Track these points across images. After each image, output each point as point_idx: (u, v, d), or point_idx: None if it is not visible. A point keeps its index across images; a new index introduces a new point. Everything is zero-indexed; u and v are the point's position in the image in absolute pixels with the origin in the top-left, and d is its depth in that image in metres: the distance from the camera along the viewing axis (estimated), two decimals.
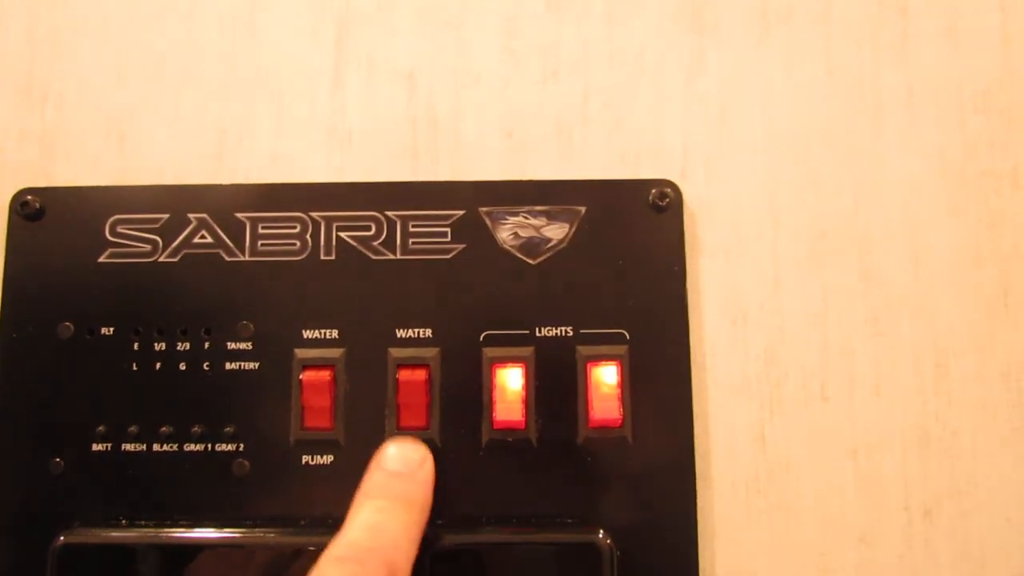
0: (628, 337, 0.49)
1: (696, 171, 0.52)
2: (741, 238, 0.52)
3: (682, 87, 0.53)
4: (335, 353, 0.49)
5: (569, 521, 0.47)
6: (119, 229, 0.50)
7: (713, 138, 0.53)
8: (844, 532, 0.49)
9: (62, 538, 0.47)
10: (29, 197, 0.50)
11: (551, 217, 0.50)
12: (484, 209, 0.50)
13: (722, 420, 0.50)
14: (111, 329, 0.49)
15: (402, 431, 0.48)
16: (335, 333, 0.49)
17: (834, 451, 0.50)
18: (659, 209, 0.51)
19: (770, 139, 0.53)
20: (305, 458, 0.48)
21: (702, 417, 0.49)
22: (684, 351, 0.49)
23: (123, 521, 0.48)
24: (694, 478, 0.48)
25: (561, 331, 0.49)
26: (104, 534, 0.47)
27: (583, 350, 0.49)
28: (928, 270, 0.52)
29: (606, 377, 0.48)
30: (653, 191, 0.51)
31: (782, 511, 0.49)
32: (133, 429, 0.48)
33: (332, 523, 0.46)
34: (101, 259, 0.50)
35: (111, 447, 0.48)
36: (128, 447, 0.48)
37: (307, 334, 0.49)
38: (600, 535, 0.46)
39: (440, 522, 0.47)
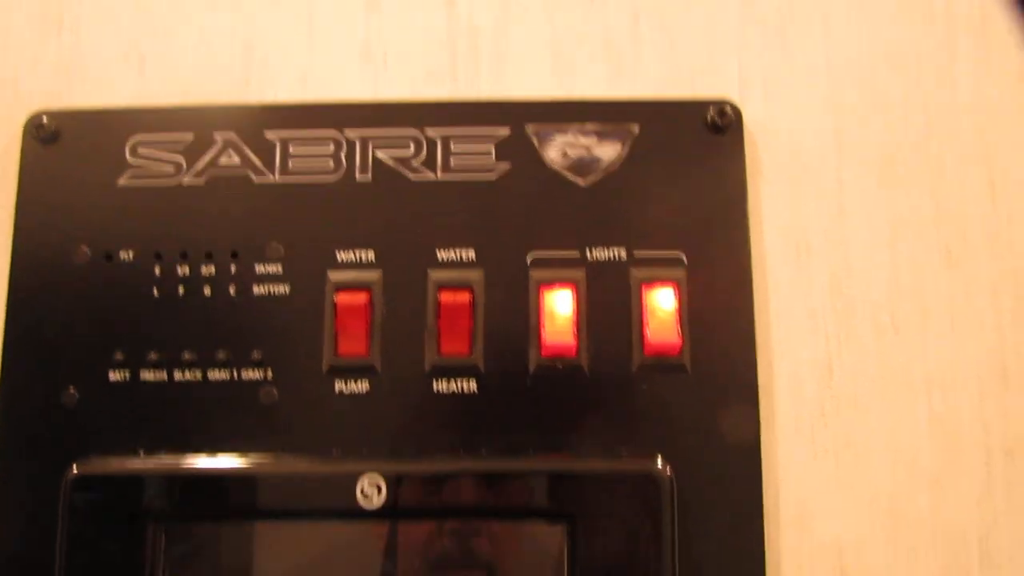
0: (685, 261, 0.53)
1: (754, 93, 0.57)
2: (803, 163, 0.56)
3: (739, 4, 0.59)
4: (371, 275, 0.53)
5: (623, 452, 0.51)
6: (140, 151, 0.55)
7: (772, 59, 0.58)
8: (916, 474, 0.53)
9: (75, 468, 0.50)
10: (44, 119, 0.55)
11: (602, 136, 0.55)
12: (531, 127, 0.55)
13: (786, 351, 0.54)
14: (131, 254, 0.54)
15: (443, 358, 0.52)
16: (371, 255, 0.54)
17: (906, 387, 0.54)
18: (718, 129, 0.55)
19: (833, 60, 0.58)
20: (339, 385, 0.52)
21: (764, 348, 0.54)
22: (746, 277, 0.53)
23: (141, 453, 0.52)
24: (757, 412, 0.52)
25: (614, 253, 0.54)
26: (121, 464, 0.51)
27: (637, 272, 0.53)
28: (1005, 198, 0.56)
29: (662, 301, 0.53)
30: (711, 110, 0.55)
31: (850, 450, 0.53)
32: (153, 356, 0.53)
33: (366, 454, 0.50)
34: (121, 182, 0.55)
35: (129, 376, 0.52)
36: (147, 376, 0.53)
37: (341, 256, 0.54)
38: (659, 464, 0.50)
39: (485, 453, 0.51)
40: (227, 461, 0.50)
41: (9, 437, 0.51)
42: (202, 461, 0.50)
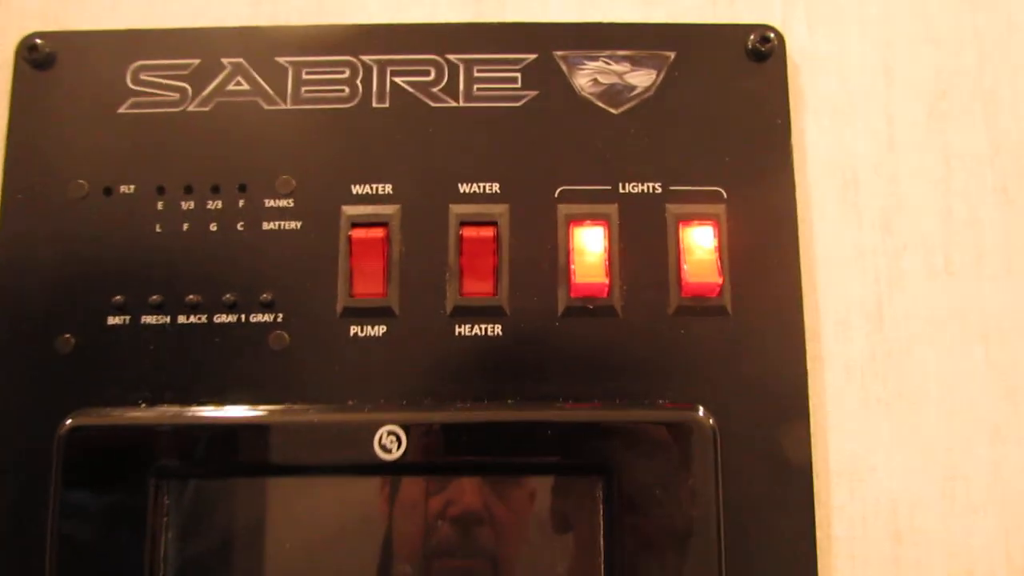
0: (725, 196, 0.44)
1: (797, 19, 0.48)
2: (850, 94, 0.47)
3: None
4: (389, 210, 0.44)
5: (660, 401, 0.42)
6: (142, 76, 0.46)
7: None
8: (974, 426, 0.44)
9: (70, 421, 0.42)
10: (38, 41, 0.46)
11: (636, 63, 0.46)
12: (559, 53, 0.46)
13: (833, 293, 0.45)
14: (131, 187, 0.45)
15: (465, 299, 0.43)
16: (388, 188, 0.44)
17: (961, 333, 0.45)
18: (759, 56, 0.46)
19: None
20: (354, 329, 0.43)
21: (811, 289, 0.45)
22: (791, 214, 0.45)
23: (143, 404, 0.43)
24: (804, 358, 0.43)
25: (648, 187, 0.45)
26: (119, 415, 0.42)
27: (674, 208, 0.44)
28: None
29: (701, 239, 0.44)
30: (752, 36, 0.46)
31: (903, 400, 0.44)
32: (155, 299, 0.44)
33: (384, 402, 0.41)
34: (121, 109, 0.46)
35: (129, 320, 0.44)
36: (149, 320, 0.44)
37: (356, 189, 0.44)
38: (700, 412, 0.41)
39: (511, 401, 0.42)
40: (235, 411, 0.42)
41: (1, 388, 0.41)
42: (208, 412, 0.41)
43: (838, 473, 0.43)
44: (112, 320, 0.44)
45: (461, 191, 0.44)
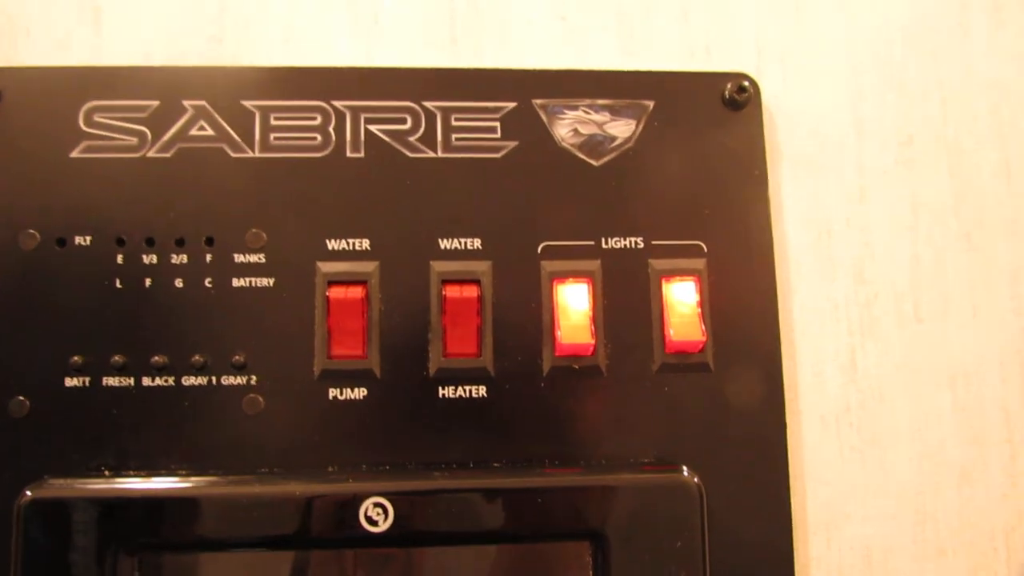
0: (706, 249, 0.43)
1: (772, 68, 0.46)
2: (822, 142, 0.46)
3: None
4: (367, 267, 0.41)
5: (645, 460, 0.41)
6: (96, 118, 0.42)
7: (789, 33, 0.47)
8: (943, 469, 0.44)
9: (28, 493, 0.38)
10: None
11: (615, 112, 0.43)
12: (538, 101, 0.43)
13: (810, 345, 0.44)
14: (87, 238, 0.41)
15: (449, 360, 0.40)
16: (366, 243, 0.41)
17: (930, 379, 0.45)
18: (736, 105, 0.44)
19: (850, 36, 0.47)
20: (332, 392, 0.40)
21: (788, 341, 0.43)
22: (768, 266, 0.43)
23: (106, 472, 0.39)
24: (783, 411, 0.42)
25: (630, 242, 0.42)
26: (80, 487, 0.38)
27: (656, 263, 0.42)
28: (1021, 180, 0.47)
29: (683, 295, 0.42)
30: (729, 85, 0.44)
31: (875, 447, 0.44)
32: (117, 360, 0.40)
33: (366, 468, 0.38)
34: (73, 154, 0.41)
35: (89, 382, 0.40)
36: (111, 382, 0.40)
37: (332, 244, 0.41)
38: (685, 473, 0.40)
39: (498, 464, 0.40)
40: (208, 481, 0.37)
41: None
42: (178, 482, 0.37)
43: (815, 523, 0.42)
44: (70, 382, 0.40)
45: (442, 246, 0.41)
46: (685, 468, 0.40)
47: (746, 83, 0.44)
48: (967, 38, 0.48)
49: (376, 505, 0.37)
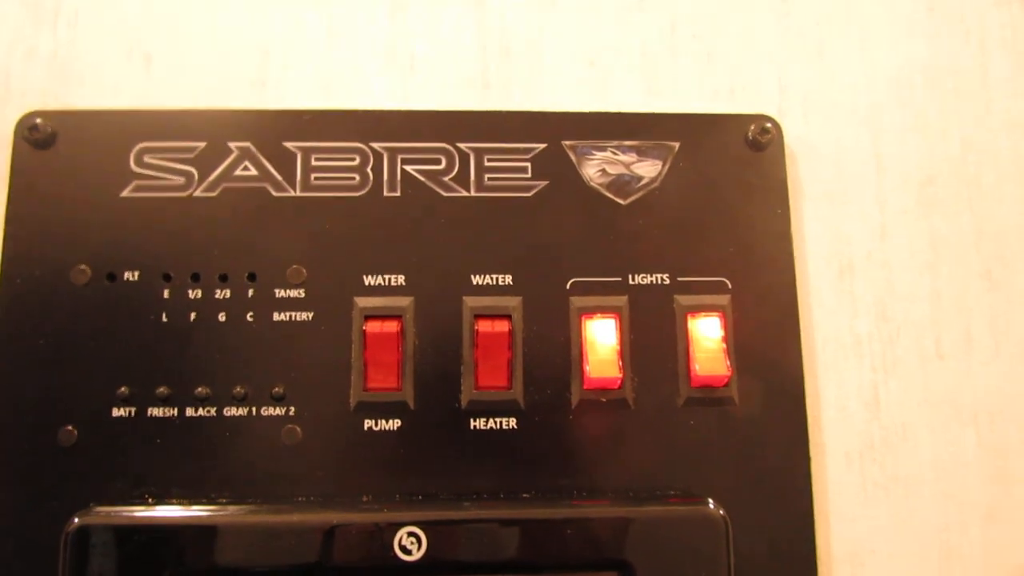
0: (730, 286, 0.43)
1: (794, 109, 0.47)
2: (844, 182, 0.47)
3: (776, 19, 0.48)
4: (402, 302, 0.42)
5: (671, 492, 0.41)
6: (146, 159, 0.43)
7: (811, 75, 0.48)
8: (968, 508, 0.44)
9: (76, 520, 0.39)
10: (39, 121, 0.43)
11: (642, 153, 0.45)
12: (568, 143, 0.44)
13: (833, 381, 0.44)
14: (136, 274, 0.42)
15: (480, 392, 0.41)
16: (401, 279, 0.42)
17: (953, 416, 0.45)
18: (758, 147, 0.45)
19: (870, 78, 0.48)
20: (368, 423, 0.41)
21: (811, 377, 0.44)
22: (791, 302, 0.44)
23: (149, 500, 0.40)
24: (807, 446, 0.42)
25: (657, 278, 0.43)
26: (127, 514, 0.40)
27: (682, 299, 0.43)
28: None
29: (709, 330, 0.43)
30: (752, 127, 0.45)
31: (899, 484, 0.44)
32: (162, 391, 0.41)
33: (399, 499, 0.39)
34: (124, 193, 0.43)
35: (135, 412, 0.41)
36: (156, 412, 0.41)
37: (369, 280, 0.42)
38: (711, 505, 0.40)
39: (526, 495, 0.40)
40: (246, 509, 0.38)
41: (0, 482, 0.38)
42: (218, 510, 0.38)
43: (839, 559, 0.43)
44: (117, 412, 0.41)
45: (474, 282, 0.42)
46: (711, 501, 0.40)
47: (768, 125, 0.45)
48: (986, 77, 0.48)
49: (410, 534, 0.38)
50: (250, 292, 0.42)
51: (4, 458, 0.40)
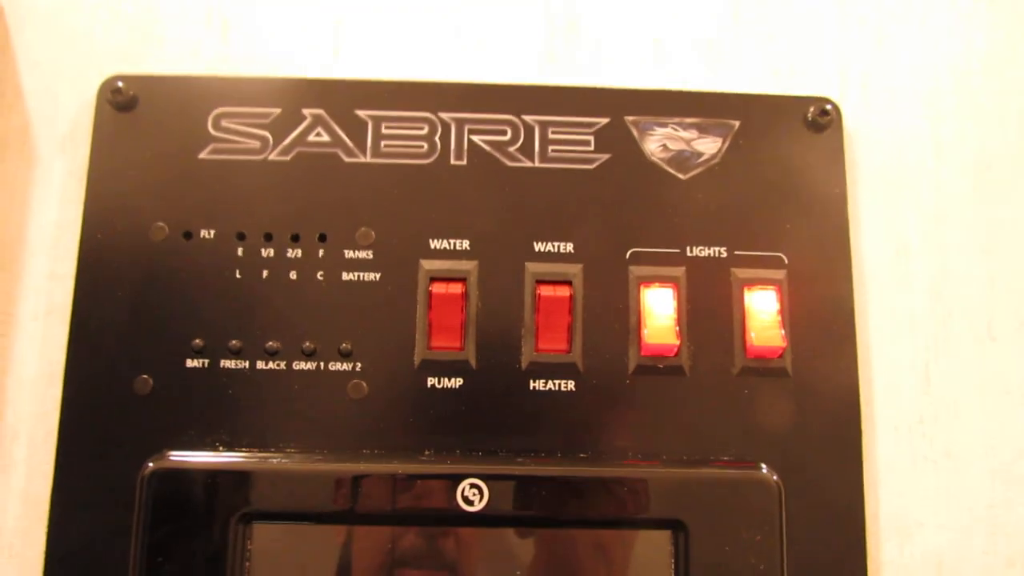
0: (786, 261, 0.45)
1: (853, 92, 0.48)
2: (902, 165, 0.48)
3: (837, 2, 0.49)
4: (467, 266, 0.44)
5: (725, 457, 0.42)
6: (224, 123, 0.45)
7: (871, 59, 0.49)
8: (1016, 485, 0.45)
9: (151, 464, 0.41)
10: (121, 84, 0.45)
11: (702, 130, 0.46)
12: (630, 118, 0.46)
13: (885, 356, 0.45)
14: (211, 232, 0.44)
15: (540, 355, 0.43)
16: (466, 244, 0.44)
17: (1004, 396, 0.46)
18: (818, 127, 0.46)
19: (930, 64, 0.49)
20: (431, 381, 0.43)
21: (864, 352, 0.45)
22: (847, 279, 0.45)
23: (220, 448, 0.42)
24: (859, 418, 0.44)
25: (714, 251, 0.45)
26: (200, 460, 0.42)
27: (739, 272, 0.44)
28: None
29: (764, 303, 0.44)
30: (812, 108, 0.46)
31: (949, 459, 0.45)
32: (235, 344, 0.43)
33: (459, 454, 0.41)
34: (202, 155, 0.45)
35: (208, 364, 0.43)
36: (228, 364, 0.43)
37: (435, 244, 0.44)
38: (765, 470, 0.41)
39: (583, 455, 0.42)
40: (314, 459, 0.39)
41: (77, 427, 0.41)
42: (292, 459, 0.40)
43: (888, 529, 0.44)
44: (191, 363, 0.43)
45: (536, 249, 0.44)
46: (764, 466, 0.42)
47: (828, 107, 0.46)
48: None
49: (472, 486, 0.40)
50: (320, 252, 0.44)
51: (83, 405, 0.42)
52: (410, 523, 0.40)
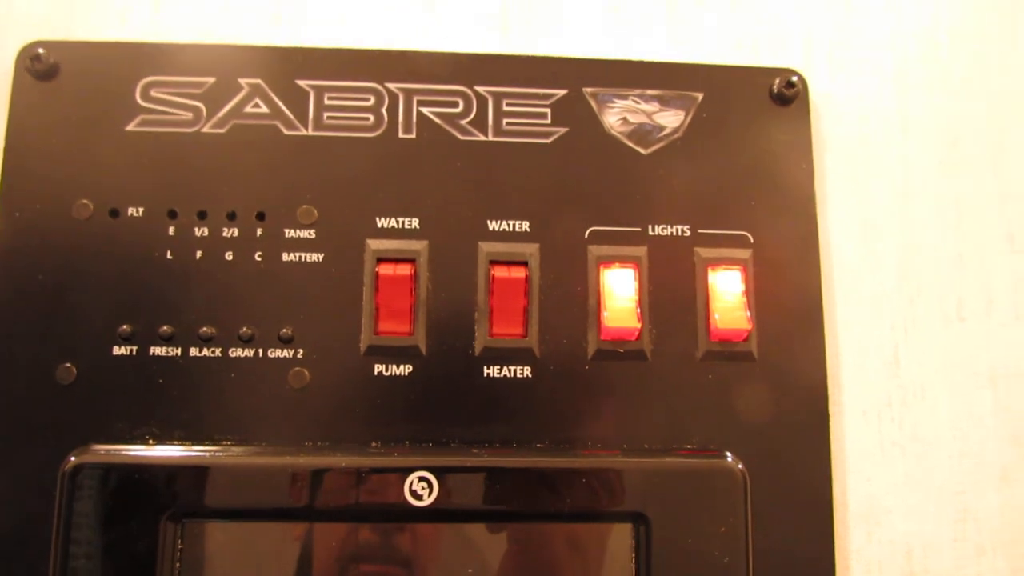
0: (752, 240, 0.43)
1: (819, 64, 0.47)
2: (869, 139, 0.46)
3: None
4: (416, 246, 0.41)
5: (688, 446, 0.41)
6: (153, 93, 0.42)
7: (837, 30, 0.47)
8: (984, 469, 0.44)
9: (73, 459, 0.38)
10: (41, 51, 0.42)
11: (664, 103, 0.44)
12: (589, 90, 0.44)
13: (852, 339, 0.44)
14: (140, 210, 0.41)
15: (495, 339, 0.41)
16: (415, 223, 0.42)
17: (972, 378, 0.45)
18: (784, 100, 0.45)
19: (897, 35, 0.48)
20: (378, 368, 0.41)
21: (831, 335, 0.44)
22: (814, 259, 0.44)
23: (150, 441, 0.39)
24: (827, 403, 0.42)
25: (677, 230, 0.43)
26: (124, 454, 0.39)
27: (703, 252, 0.43)
28: None
29: (729, 284, 0.42)
30: (777, 80, 0.45)
31: (916, 443, 0.44)
32: (165, 330, 0.40)
33: (408, 445, 0.39)
34: (130, 127, 0.42)
35: (136, 351, 0.40)
36: (158, 351, 0.40)
37: (382, 223, 0.42)
38: (730, 459, 0.40)
39: (540, 445, 0.40)
40: (251, 452, 0.37)
41: None
42: (221, 452, 0.37)
43: (856, 515, 0.42)
44: (118, 350, 0.40)
45: (490, 228, 0.42)
46: (729, 454, 0.40)
47: (794, 79, 0.45)
48: (1016, 39, 0.48)
49: (421, 479, 0.37)
50: (259, 231, 0.41)
51: (1, 395, 0.39)
52: (355, 519, 0.38)
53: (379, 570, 0.38)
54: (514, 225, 0.42)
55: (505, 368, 0.41)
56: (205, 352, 0.40)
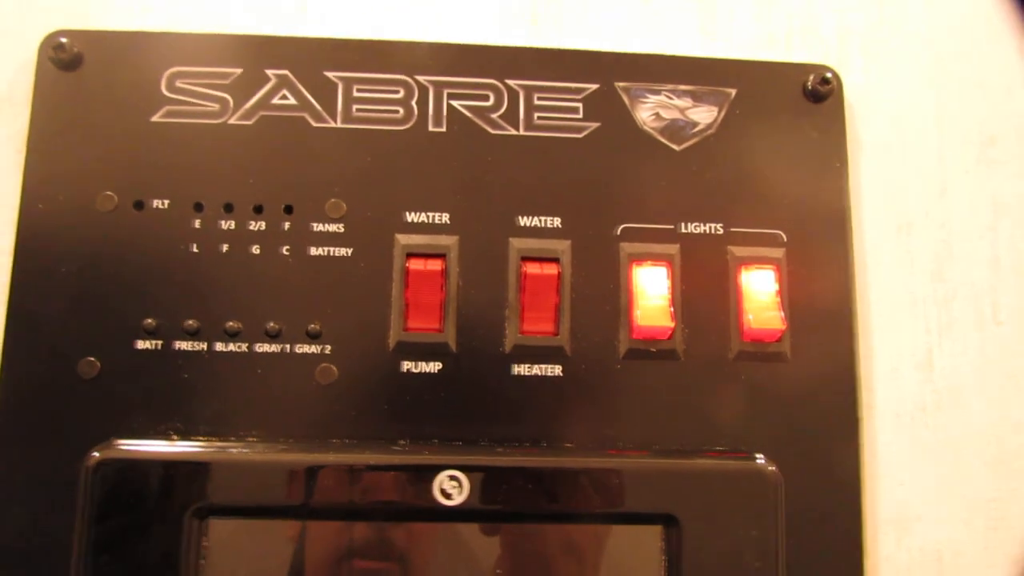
0: (785, 239, 0.43)
1: (853, 60, 0.46)
2: (903, 137, 0.46)
3: None
4: (446, 241, 0.41)
5: (720, 447, 0.40)
6: (179, 84, 0.42)
7: (871, 25, 0.47)
8: (1018, 476, 0.43)
9: (96, 454, 0.38)
10: (64, 40, 0.42)
11: (697, 98, 0.44)
12: (621, 84, 0.43)
13: (886, 342, 0.44)
14: (165, 202, 0.41)
15: (525, 337, 0.40)
16: (446, 218, 0.41)
17: (1008, 383, 0.44)
18: (817, 97, 0.44)
19: (933, 31, 0.47)
20: (407, 365, 0.40)
21: (865, 336, 0.43)
22: (847, 259, 0.43)
23: (174, 437, 0.39)
24: (858, 406, 0.42)
25: (710, 228, 0.42)
26: (150, 449, 0.38)
27: (735, 250, 0.42)
28: None
29: (762, 283, 0.42)
30: (811, 77, 0.44)
31: (949, 450, 0.43)
32: (190, 324, 0.40)
33: (437, 444, 0.38)
34: (155, 118, 0.42)
35: (161, 345, 0.40)
36: (183, 346, 0.40)
37: (411, 217, 0.41)
38: (762, 461, 0.39)
39: (570, 445, 0.40)
40: (277, 448, 0.37)
41: (16, 414, 0.38)
42: (245, 448, 0.37)
43: (886, 521, 0.42)
44: (141, 344, 0.40)
45: (521, 224, 0.41)
46: (761, 456, 0.40)
47: (828, 75, 0.44)
48: None
49: (451, 478, 0.37)
50: (286, 225, 0.41)
51: (23, 389, 0.39)
52: (383, 519, 0.37)
53: (405, 570, 0.37)
54: (545, 221, 0.41)
55: (535, 366, 0.40)
56: (231, 347, 0.40)
